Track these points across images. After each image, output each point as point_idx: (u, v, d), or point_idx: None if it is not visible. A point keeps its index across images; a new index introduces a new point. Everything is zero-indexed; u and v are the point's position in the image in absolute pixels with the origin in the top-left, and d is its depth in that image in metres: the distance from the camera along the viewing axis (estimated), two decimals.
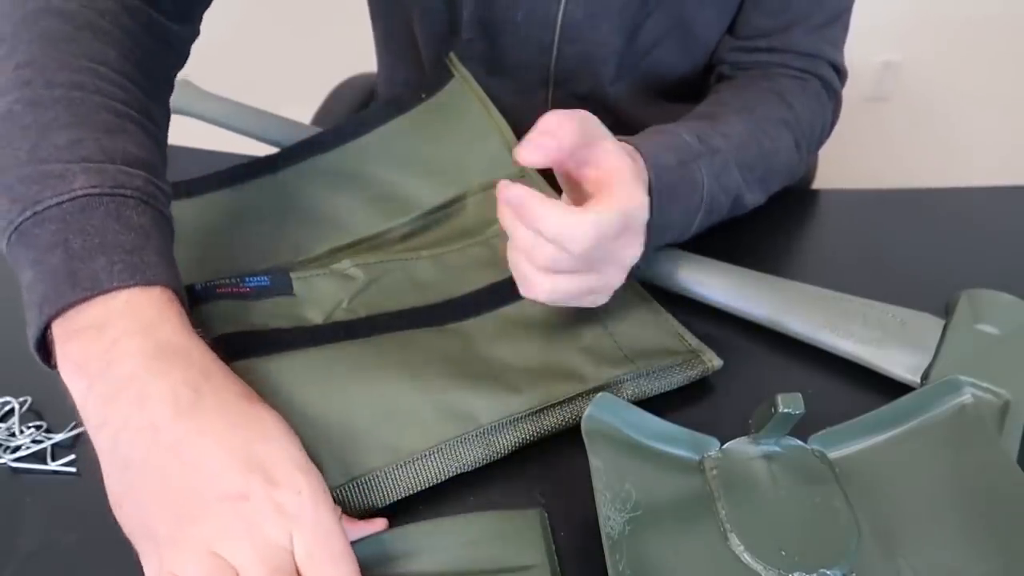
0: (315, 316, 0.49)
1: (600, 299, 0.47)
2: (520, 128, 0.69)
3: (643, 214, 0.44)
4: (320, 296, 0.50)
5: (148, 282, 0.37)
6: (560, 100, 0.72)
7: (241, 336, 0.45)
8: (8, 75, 0.40)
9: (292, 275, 0.51)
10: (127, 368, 0.35)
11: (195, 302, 0.48)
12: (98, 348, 0.35)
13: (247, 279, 0.50)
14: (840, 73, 0.67)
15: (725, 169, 0.54)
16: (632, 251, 0.45)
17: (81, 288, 0.35)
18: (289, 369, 0.44)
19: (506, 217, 0.44)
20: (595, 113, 0.73)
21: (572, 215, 0.41)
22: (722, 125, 0.56)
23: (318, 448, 0.41)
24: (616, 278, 0.46)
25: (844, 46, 0.67)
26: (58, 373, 0.37)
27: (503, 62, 0.70)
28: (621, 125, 0.73)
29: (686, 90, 0.73)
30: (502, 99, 0.71)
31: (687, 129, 0.54)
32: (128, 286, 0.36)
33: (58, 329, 0.36)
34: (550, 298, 0.45)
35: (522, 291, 0.46)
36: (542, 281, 0.44)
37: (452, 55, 0.69)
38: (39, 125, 0.38)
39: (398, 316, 0.50)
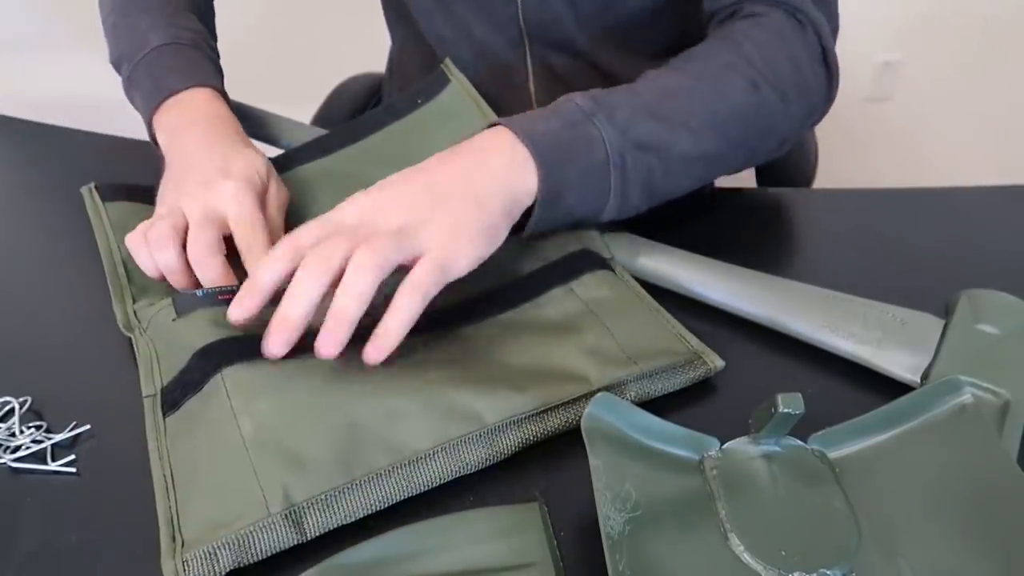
0: (317, 322, 0.49)
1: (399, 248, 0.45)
2: (504, 94, 0.71)
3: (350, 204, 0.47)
4: (323, 302, 0.50)
5: (199, 84, 0.63)
6: (538, 55, 0.74)
7: (247, 341, 0.46)
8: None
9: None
10: (188, 121, 0.61)
11: (197, 307, 0.48)
12: (174, 117, 0.61)
13: None
14: (819, 1, 0.59)
15: (633, 123, 0.52)
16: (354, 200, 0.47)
17: (163, 93, 0.62)
18: (292, 371, 0.44)
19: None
20: (576, 67, 0.75)
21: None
22: (637, 84, 0.55)
23: (320, 448, 0.41)
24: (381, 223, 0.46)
25: None
26: (60, 376, 0.40)
27: (477, 22, 0.72)
28: (605, 80, 0.74)
29: (665, 42, 0.73)
30: (485, 64, 0.72)
31: (583, 95, 0.53)
32: (188, 87, 0.62)
33: (157, 119, 0.62)
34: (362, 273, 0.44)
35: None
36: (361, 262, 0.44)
37: (447, 61, 0.69)
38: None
39: None
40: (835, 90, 0.61)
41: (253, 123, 0.73)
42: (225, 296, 0.48)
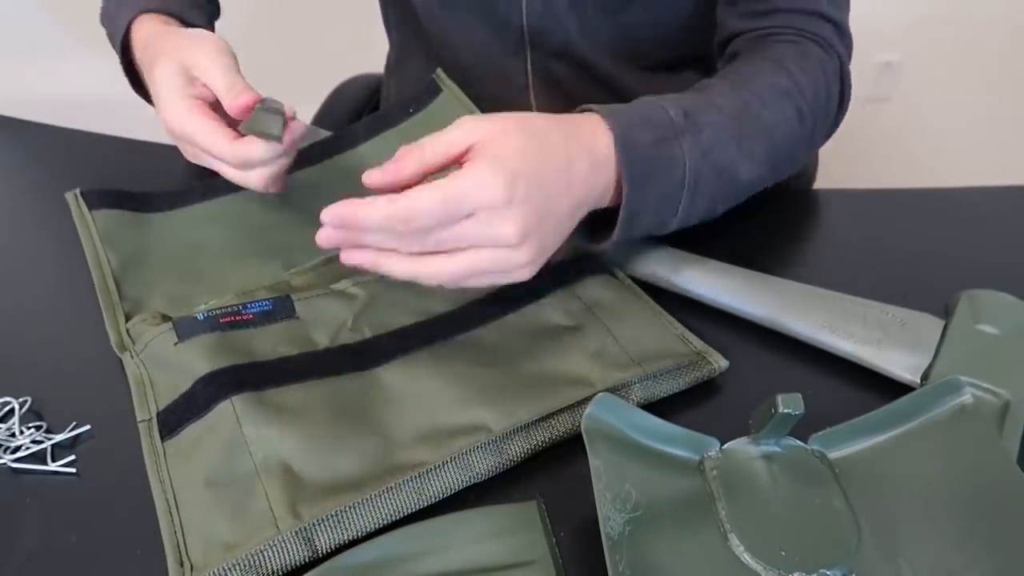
0: (320, 338, 0.49)
1: (503, 278, 0.46)
2: (505, 99, 0.70)
3: (485, 192, 0.43)
4: (323, 317, 0.50)
5: (146, 10, 0.64)
6: (539, 61, 0.74)
7: (252, 367, 0.46)
8: None
9: (294, 297, 0.51)
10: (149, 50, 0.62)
11: (199, 331, 0.48)
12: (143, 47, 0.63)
13: (248, 305, 0.50)
14: (843, 34, 0.63)
15: (718, 145, 0.51)
16: (504, 228, 0.43)
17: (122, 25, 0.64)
18: (301, 400, 0.44)
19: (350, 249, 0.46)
20: (576, 75, 0.74)
21: (398, 199, 0.43)
22: (716, 97, 0.54)
23: (330, 471, 0.41)
24: (504, 256, 0.44)
25: (847, 12, 0.64)
26: (60, 377, 0.41)
27: (480, 27, 0.72)
28: (605, 89, 0.74)
29: (671, 60, 0.73)
30: (486, 68, 0.72)
31: (675, 103, 0.51)
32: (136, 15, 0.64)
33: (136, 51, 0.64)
34: (446, 280, 0.45)
35: (425, 282, 0.46)
36: (423, 267, 0.45)
37: (440, 71, 0.69)
38: None
39: (403, 336, 0.49)
40: (844, 115, 0.64)
41: None
42: (227, 319, 0.48)
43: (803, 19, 0.62)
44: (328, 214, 0.44)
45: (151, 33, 0.62)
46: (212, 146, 0.54)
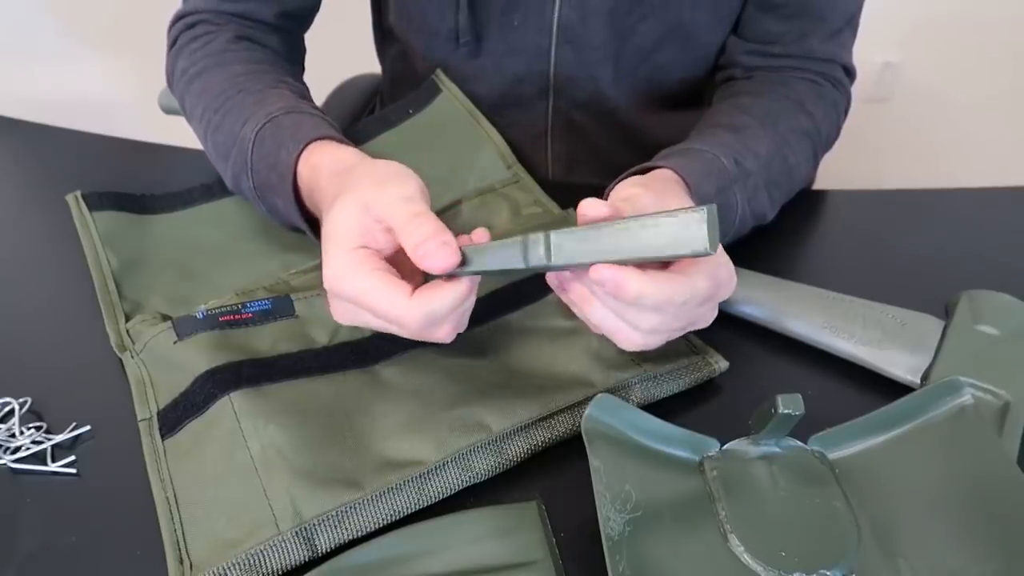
0: (320, 336, 0.49)
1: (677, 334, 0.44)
2: (521, 145, 0.68)
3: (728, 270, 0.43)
4: (323, 316, 0.50)
5: (311, 140, 0.51)
6: (561, 110, 0.71)
7: (251, 364, 0.46)
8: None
9: (293, 296, 0.51)
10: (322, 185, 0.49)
11: (198, 329, 0.48)
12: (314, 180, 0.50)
13: (248, 305, 0.50)
14: (850, 74, 0.67)
15: (756, 193, 0.55)
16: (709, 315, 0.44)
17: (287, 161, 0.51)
18: (299, 395, 0.44)
19: (585, 296, 0.42)
20: (597, 121, 0.72)
21: (668, 283, 0.40)
22: (752, 142, 0.56)
23: (329, 467, 0.41)
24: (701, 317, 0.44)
25: (853, 47, 0.68)
26: (60, 377, 0.42)
27: (502, 74, 0.70)
28: (624, 133, 0.73)
29: (690, 97, 0.73)
30: (503, 114, 0.70)
31: (722, 149, 0.54)
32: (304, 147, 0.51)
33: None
34: (643, 346, 0.43)
35: (620, 344, 0.43)
36: (641, 338, 0.42)
37: (440, 72, 0.68)
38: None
39: None
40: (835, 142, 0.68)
41: None
42: (226, 318, 0.48)
43: (818, 64, 0.65)
44: (602, 276, 0.38)
45: (328, 164, 0.50)
46: (383, 305, 0.40)
